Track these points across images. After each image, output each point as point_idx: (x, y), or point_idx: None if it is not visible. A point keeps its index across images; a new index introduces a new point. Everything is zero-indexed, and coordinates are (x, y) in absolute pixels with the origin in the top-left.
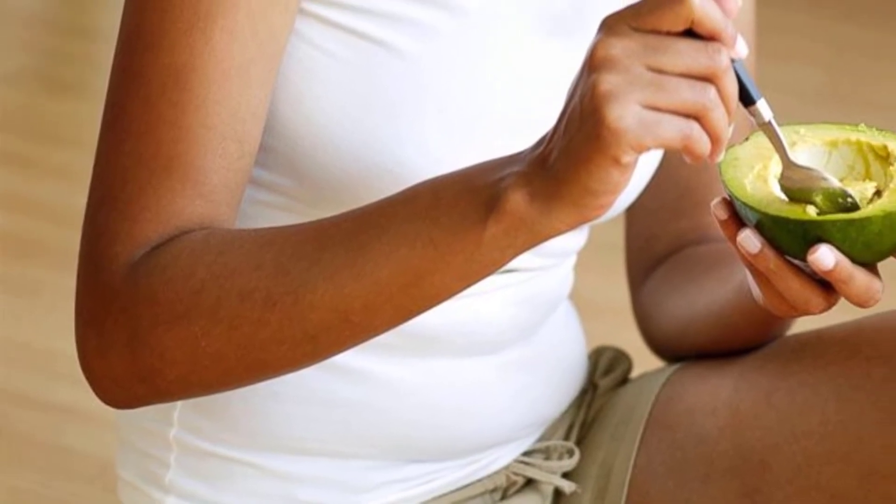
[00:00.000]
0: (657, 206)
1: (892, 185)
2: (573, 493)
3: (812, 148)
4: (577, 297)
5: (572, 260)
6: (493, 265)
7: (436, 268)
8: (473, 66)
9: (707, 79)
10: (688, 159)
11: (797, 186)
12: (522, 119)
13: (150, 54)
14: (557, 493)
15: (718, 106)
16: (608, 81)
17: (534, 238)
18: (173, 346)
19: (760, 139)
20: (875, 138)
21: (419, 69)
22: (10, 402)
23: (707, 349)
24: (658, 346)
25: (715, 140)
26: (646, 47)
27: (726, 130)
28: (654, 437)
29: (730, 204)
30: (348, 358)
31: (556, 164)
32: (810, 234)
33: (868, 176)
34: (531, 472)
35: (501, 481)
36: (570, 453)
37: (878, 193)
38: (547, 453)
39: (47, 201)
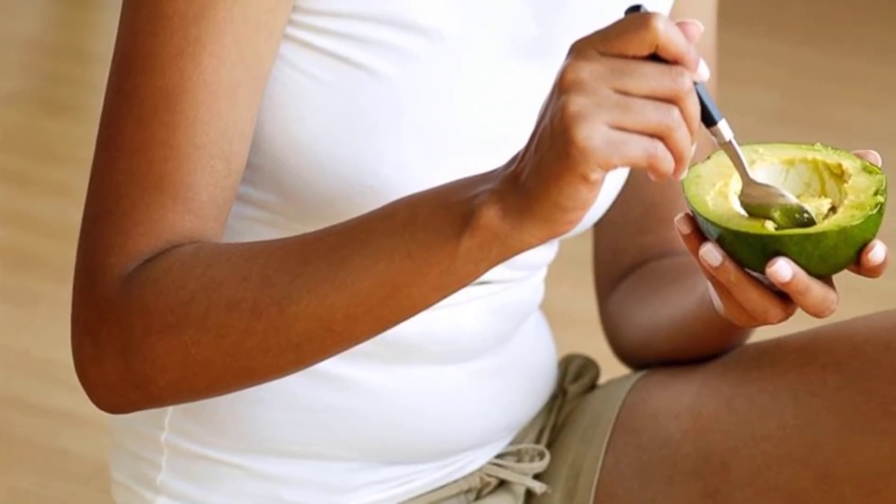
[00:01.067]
0: (623, 221)
1: (846, 202)
2: (544, 494)
3: (770, 166)
4: (547, 308)
5: (543, 272)
6: (467, 277)
7: (413, 280)
8: (449, 88)
9: (671, 100)
10: (652, 177)
11: (756, 203)
12: (495, 138)
13: (142, 77)
14: (529, 494)
15: (682, 126)
16: (577, 103)
17: (506, 252)
18: (165, 354)
19: (721, 158)
20: (830, 157)
21: (398, 92)
22: (10, 407)
23: (671, 357)
24: (624, 354)
25: (678, 159)
26: (613, 70)
27: (689, 149)
28: (620, 441)
29: (692, 219)
30: (331, 365)
31: (527, 182)
32: (769, 248)
33: (823, 193)
34: (504, 474)
35: (476, 482)
36: (541, 456)
37: (833, 209)
38: (519, 456)
39: (45, 216)
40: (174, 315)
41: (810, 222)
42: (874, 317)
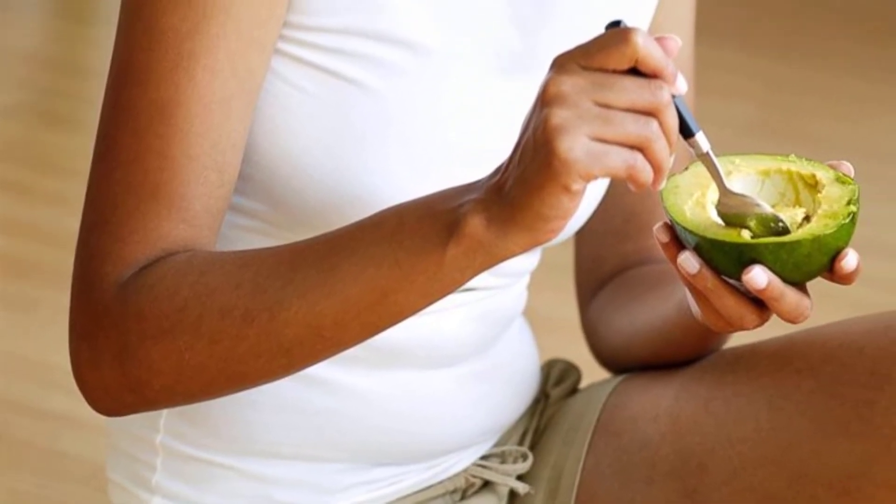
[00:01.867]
0: (604, 230)
1: (819, 211)
2: (527, 494)
3: (746, 177)
4: (530, 314)
5: (526, 279)
6: (453, 284)
7: (400, 287)
8: (435, 101)
9: (650, 113)
10: (632, 187)
11: (733, 212)
12: (480, 150)
13: (138, 90)
14: (512, 494)
15: (660, 138)
16: (559, 116)
17: (491, 259)
18: (159, 358)
19: (699, 168)
20: (804, 168)
21: (385, 105)
22: (10, 410)
23: (650, 362)
24: (605, 358)
25: (657, 169)
26: (594, 84)
27: (668, 161)
28: (601, 443)
29: (671, 228)
30: (321, 370)
31: (511, 192)
32: (745, 256)
33: (798, 202)
34: (488, 475)
35: (461, 483)
36: (524, 457)
37: (807, 218)
38: (503, 457)
39: (43, 225)
40: (168, 321)
41: (785, 231)
42: (847, 322)
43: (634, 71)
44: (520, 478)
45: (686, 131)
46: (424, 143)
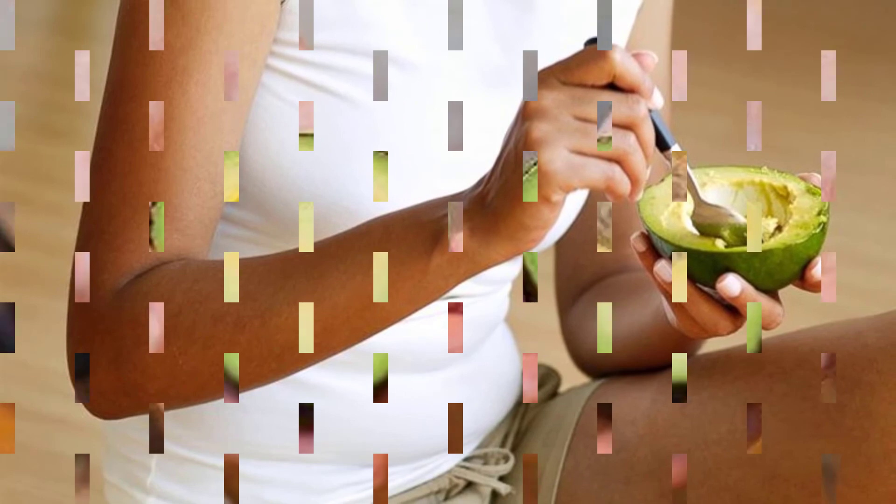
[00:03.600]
0: (583, 239)
1: (791, 221)
2: (508, 495)
3: (720, 188)
4: (512, 320)
5: (508, 287)
6: (438, 292)
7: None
8: (420, 115)
9: (627, 127)
10: (610, 198)
11: (707, 222)
12: (463, 162)
13: (133, 104)
14: (494, 495)
15: (637, 151)
16: (539, 129)
17: (474, 268)
18: (154, 363)
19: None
20: (776, 179)
21: (372, 118)
22: None
23: (627, 366)
24: (584, 363)
25: (634, 181)
26: (573, 99)
27: (644, 172)
28: (580, 444)
29: (647, 238)
30: (310, 374)
31: (493, 203)
32: (719, 265)
33: (770, 213)
34: (471, 476)
35: (445, 484)
36: (506, 459)
37: (779, 228)
38: (485, 459)
39: (42, 235)
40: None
41: None
42: (818, 329)
43: (612, 86)
44: (502, 479)
45: (662, 144)
46: (410, 155)
